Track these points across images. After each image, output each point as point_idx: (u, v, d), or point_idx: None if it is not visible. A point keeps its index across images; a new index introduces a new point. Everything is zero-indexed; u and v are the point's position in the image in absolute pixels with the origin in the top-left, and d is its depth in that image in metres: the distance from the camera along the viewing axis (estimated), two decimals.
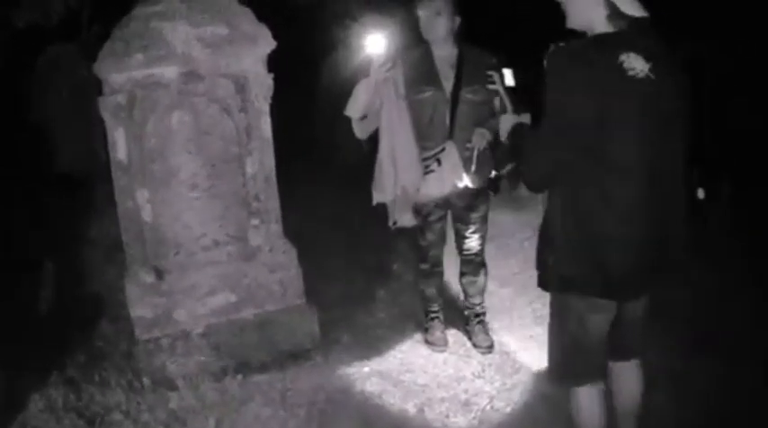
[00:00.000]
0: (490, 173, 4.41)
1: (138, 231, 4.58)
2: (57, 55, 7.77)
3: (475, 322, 5.01)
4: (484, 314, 5.02)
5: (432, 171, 4.53)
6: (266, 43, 4.55)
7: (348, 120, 4.51)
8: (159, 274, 4.64)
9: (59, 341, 5.23)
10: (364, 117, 4.43)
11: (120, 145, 4.44)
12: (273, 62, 4.69)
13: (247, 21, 4.54)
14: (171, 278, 4.66)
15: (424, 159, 4.51)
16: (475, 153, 4.44)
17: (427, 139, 4.51)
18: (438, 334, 4.95)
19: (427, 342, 4.97)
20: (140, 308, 4.59)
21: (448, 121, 4.49)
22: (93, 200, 7.08)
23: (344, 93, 4.51)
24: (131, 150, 4.47)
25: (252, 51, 4.52)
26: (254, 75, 4.55)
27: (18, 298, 5.75)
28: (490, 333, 5.02)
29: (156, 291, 4.60)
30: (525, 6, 5.89)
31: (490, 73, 3.91)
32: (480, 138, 4.43)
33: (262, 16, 4.63)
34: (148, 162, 4.53)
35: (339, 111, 4.52)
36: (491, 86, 3.95)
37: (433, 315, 5.00)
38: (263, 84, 4.58)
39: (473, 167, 4.47)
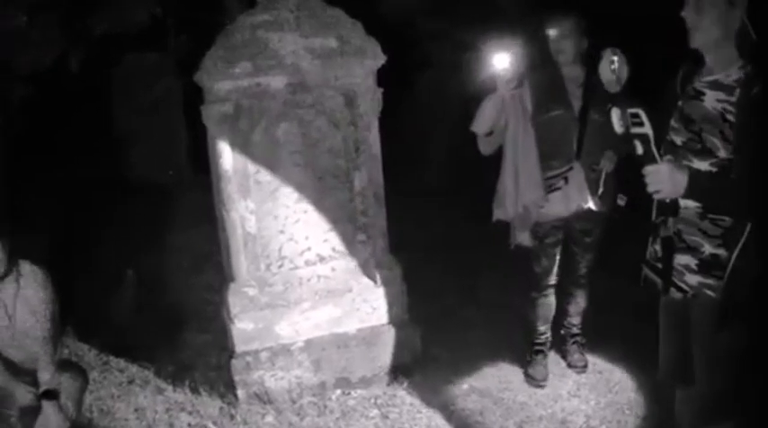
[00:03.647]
0: (614, 197, 4.33)
1: (242, 243, 4.53)
2: (136, 64, 7.77)
3: (571, 342, 4.97)
4: (580, 334, 4.97)
5: (558, 188, 4.45)
6: (376, 57, 4.50)
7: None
8: (262, 287, 4.60)
9: (146, 349, 5.22)
10: (490, 133, 4.37)
11: (225, 154, 4.39)
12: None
13: (357, 34, 4.49)
14: (274, 291, 4.62)
15: (549, 178, 4.44)
16: (602, 175, 4.39)
17: (553, 159, 4.44)
18: (541, 368, 4.81)
19: (527, 374, 4.83)
20: (242, 321, 4.54)
21: (576, 142, 4.43)
22: (177, 209, 7.06)
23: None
24: (236, 160, 4.43)
25: (362, 64, 4.47)
26: (363, 89, 4.51)
27: (105, 306, 5.74)
28: (584, 352, 4.98)
29: (258, 304, 4.57)
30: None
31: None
32: (609, 162, 4.39)
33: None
34: (254, 172, 4.49)
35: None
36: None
37: (538, 347, 4.88)
38: (372, 99, 4.53)
39: (599, 190, 4.42)
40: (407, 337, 4.79)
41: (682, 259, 3.14)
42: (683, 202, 3.02)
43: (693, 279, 3.12)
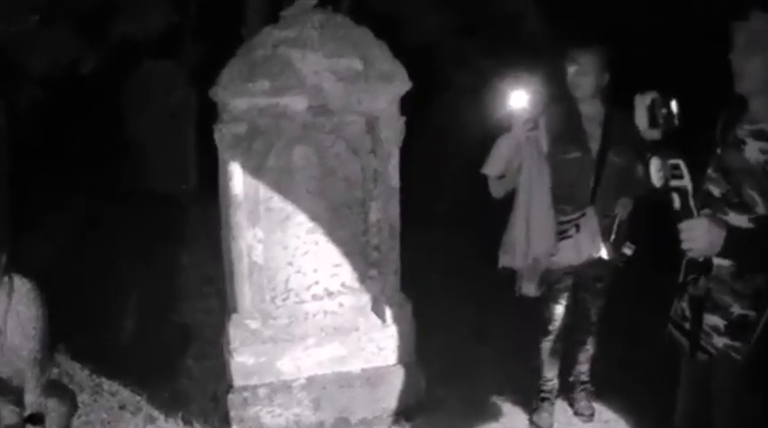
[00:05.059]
0: (625, 244, 4.10)
1: (247, 272, 4.30)
2: (150, 71, 7.59)
3: (579, 389, 4.78)
4: (588, 382, 4.77)
5: (569, 237, 4.23)
6: (402, 83, 4.26)
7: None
8: (265, 320, 4.37)
9: (142, 374, 4.99)
10: (502, 176, 4.15)
11: (235, 178, 4.16)
12: None
13: (383, 57, 4.25)
14: (277, 324, 4.39)
15: (561, 223, 4.22)
16: (616, 222, 4.19)
17: (567, 203, 4.23)
18: (546, 416, 4.62)
19: (532, 422, 4.64)
20: (242, 354, 4.32)
21: (591, 185, 4.21)
22: (184, 223, 6.87)
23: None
24: (247, 185, 4.20)
25: (387, 90, 4.24)
26: (386, 116, 4.27)
27: (102, 321, 5.56)
28: (592, 401, 4.78)
29: (260, 338, 4.34)
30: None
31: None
32: (623, 209, 4.22)
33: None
34: (265, 199, 4.26)
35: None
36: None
37: (544, 395, 4.67)
38: (395, 127, 4.30)
39: (612, 237, 4.21)
40: (413, 379, 4.57)
41: (710, 320, 2.99)
42: (716, 261, 2.83)
43: (720, 341, 2.97)
